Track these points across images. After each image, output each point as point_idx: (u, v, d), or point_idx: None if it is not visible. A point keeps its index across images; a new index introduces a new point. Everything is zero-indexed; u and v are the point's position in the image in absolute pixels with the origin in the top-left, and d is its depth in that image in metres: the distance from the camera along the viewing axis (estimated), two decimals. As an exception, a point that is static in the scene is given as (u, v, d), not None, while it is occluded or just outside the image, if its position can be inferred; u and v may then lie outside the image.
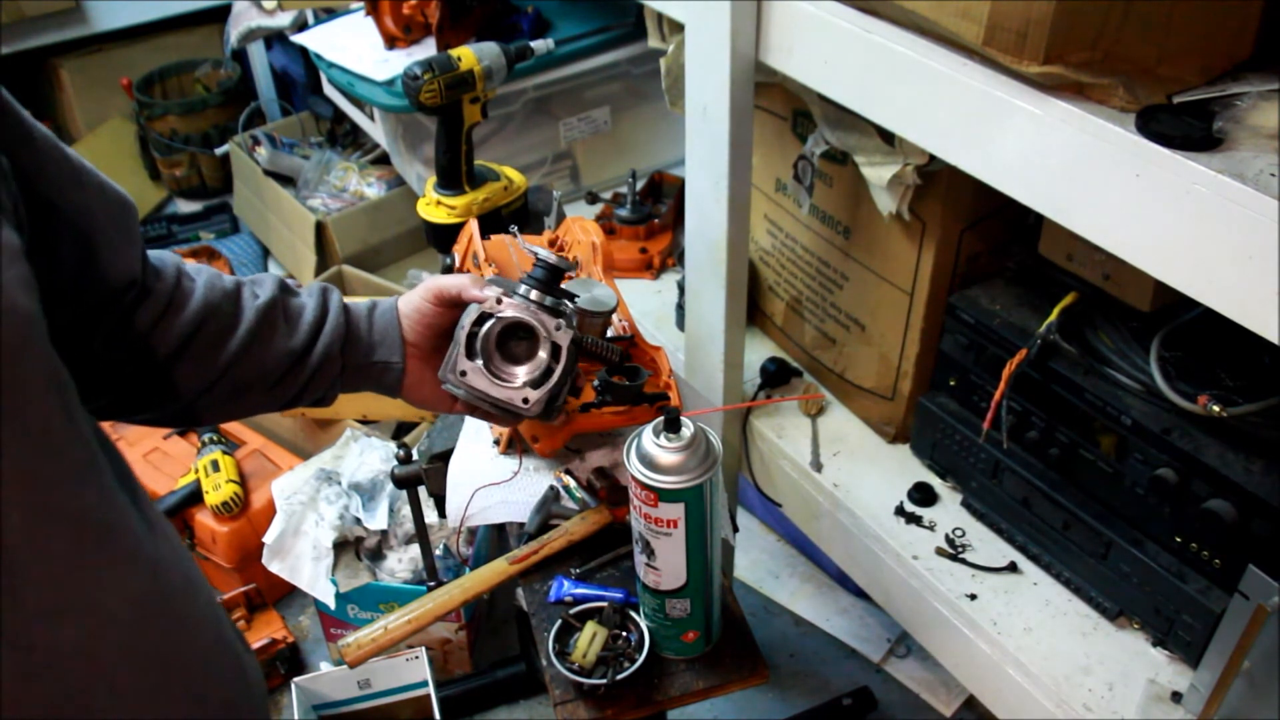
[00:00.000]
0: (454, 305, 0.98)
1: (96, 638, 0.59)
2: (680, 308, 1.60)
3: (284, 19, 2.44)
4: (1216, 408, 0.99)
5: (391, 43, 1.95)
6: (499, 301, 0.97)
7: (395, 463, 1.30)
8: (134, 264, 0.80)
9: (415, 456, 1.30)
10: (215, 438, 2.03)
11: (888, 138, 1.17)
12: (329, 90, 2.40)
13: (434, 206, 1.54)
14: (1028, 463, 1.21)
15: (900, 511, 1.33)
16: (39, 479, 0.55)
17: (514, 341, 0.98)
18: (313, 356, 0.91)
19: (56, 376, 0.58)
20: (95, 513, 0.60)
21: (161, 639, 0.64)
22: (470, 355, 0.96)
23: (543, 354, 0.98)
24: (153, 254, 0.85)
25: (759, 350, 1.61)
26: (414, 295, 0.99)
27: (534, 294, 0.99)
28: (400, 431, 2.13)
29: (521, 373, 0.98)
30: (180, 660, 0.66)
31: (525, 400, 0.97)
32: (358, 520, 1.71)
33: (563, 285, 1.02)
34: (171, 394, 0.85)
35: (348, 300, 0.97)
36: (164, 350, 0.83)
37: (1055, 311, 1.15)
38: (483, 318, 0.96)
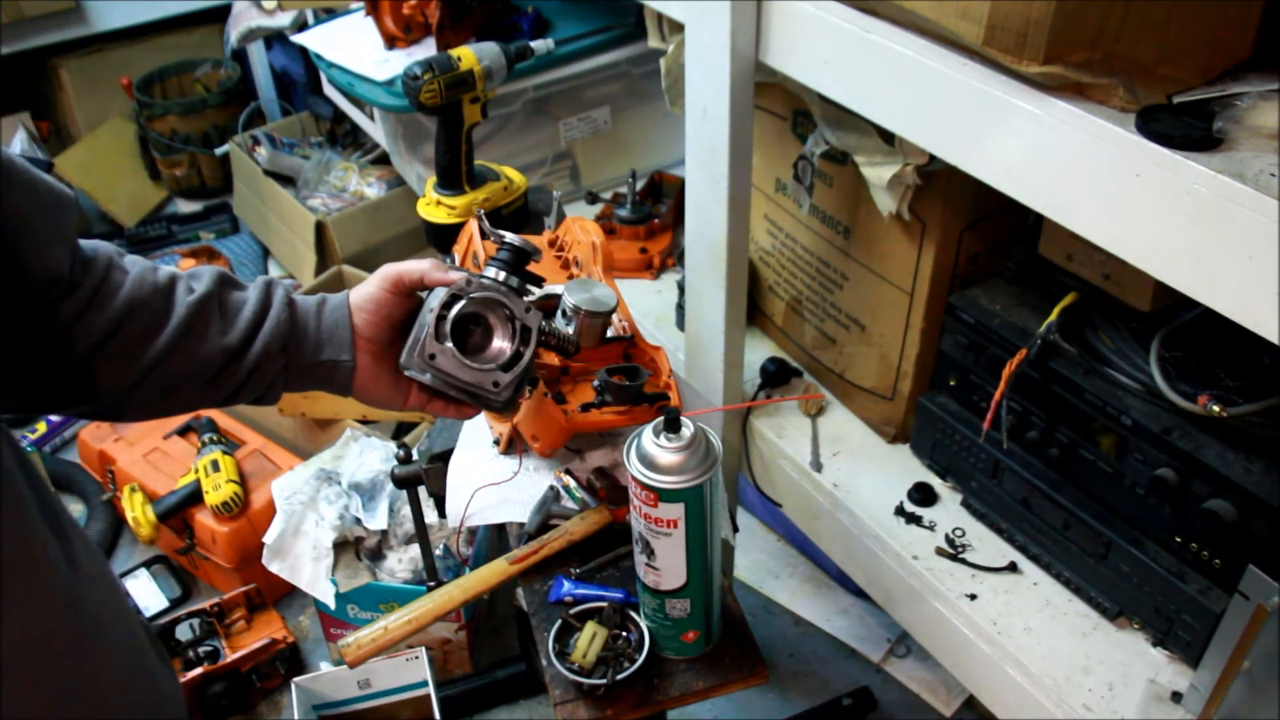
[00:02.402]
0: (411, 294, 0.95)
1: (7, 675, 0.58)
2: (680, 308, 1.60)
3: (284, 19, 2.44)
4: (1216, 408, 0.99)
5: (391, 43, 1.95)
6: (468, 283, 0.94)
7: (395, 463, 1.30)
8: (61, 261, 0.78)
9: (415, 456, 1.30)
10: (215, 438, 2.03)
11: (888, 138, 1.17)
12: (329, 90, 2.40)
13: (434, 206, 1.54)
14: (1028, 463, 1.21)
15: (900, 511, 1.33)
16: None
17: (468, 331, 0.96)
18: (250, 354, 0.87)
19: None
20: (8, 547, 0.58)
21: (71, 676, 0.63)
22: (439, 339, 0.93)
23: (508, 339, 0.96)
24: (86, 245, 0.82)
25: (759, 350, 1.61)
26: (368, 286, 0.95)
27: (501, 275, 0.97)
28: (400, 431, 2.13)
29: (491, 356, 0.96)
30: (92, 698, 0.65)
31: (496, 384, 0.95)
32: (358, 520, 1.71)
33: (528, 269, 1.01)
34: (91, 391, 0.82)
35: (296, 296, 0.93)
36: (84, 345, 0.80)
37: (1055, 311, 1.15)
38: (452, 300, 0.94)
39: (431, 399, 0.98)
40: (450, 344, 0.93)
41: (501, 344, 0.97)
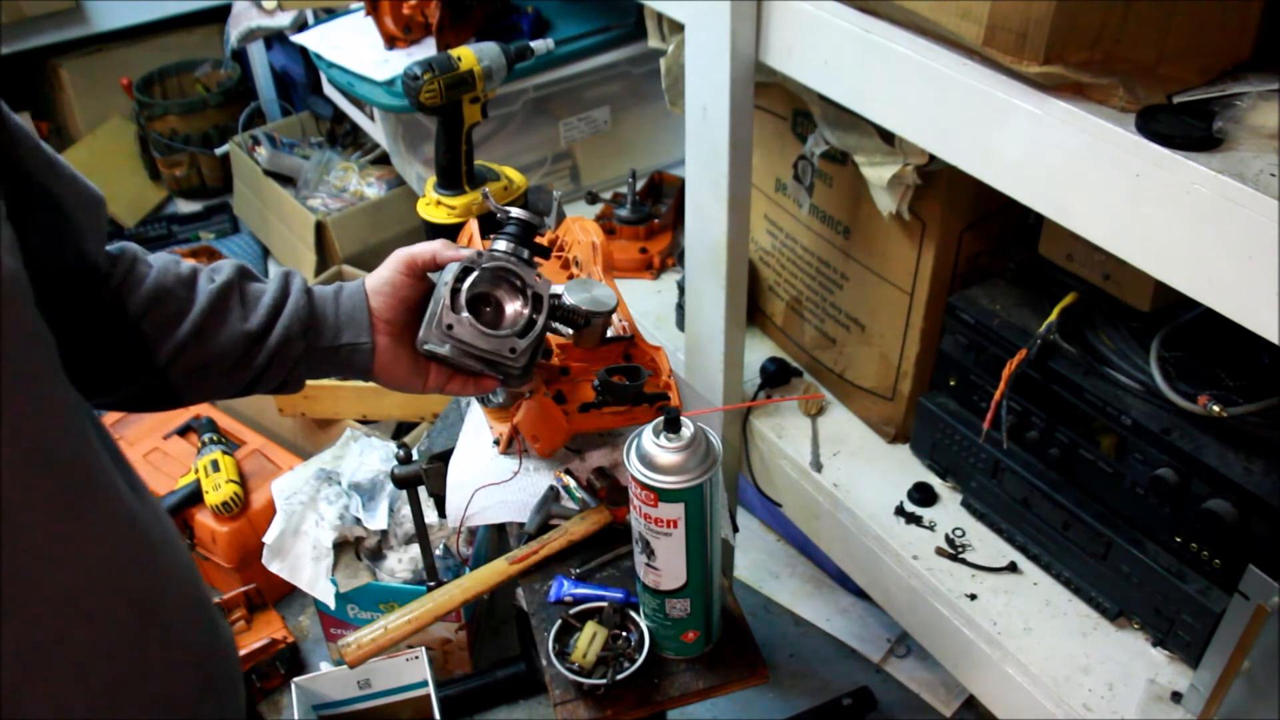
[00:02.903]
0: (424, 276, 0.99)
1: (81, 581, 0.61)
2: (680, 308, 1.60)
3: (284, 19, 2.44)
4: (1216, 408, 0.99)
5: (391, 43, 1.95)
6: (480, 256, 0.99)
7: (395, 463, 1.30)
8: (97, 253, 0.82)
9: (415, 456, 1.30)
10: (215, 438, 2.03)
11: (888, 138, 1.17)
12: (329, 90, 2.40)
13: (434, 206, 1.54)
14: (1028, 463, 1.21)
15: (900, 511, 1.33)
16: (29, 425, 0.57)
17: (479, 310, 1.00)
18: (271, 339, 0.90)
19: (41, 333, 0.59)
20: (79, 462, 0.61)
21: (141, 588, 0.65)
22: (455, 310, 0.96)
23: (521, 307, 1.00)
24: (109, 246, 0.86)
25: (759, 350, 1.61)
26: (383, 270, 0.98)
27: (510, 247, 1.02)
28: (400, 431, 2.13)
29: (507, 323, 1.00)
30: (158, 610, 0.67)
31: (513, 350, 0.98)
32: (358, 520, 1.71)
33: (537, 241, 1.05)
34: (146, 359, 0.85)
35: (313, 285, 0.96)
36: (132, 313, 0.84)
37: (1055, 311, 1.15)
38: (464, 273, 0.98)
39: (451, 377, 1.01)
40: (467, 314, 0.96)
41: (516, 309, 1.01)
